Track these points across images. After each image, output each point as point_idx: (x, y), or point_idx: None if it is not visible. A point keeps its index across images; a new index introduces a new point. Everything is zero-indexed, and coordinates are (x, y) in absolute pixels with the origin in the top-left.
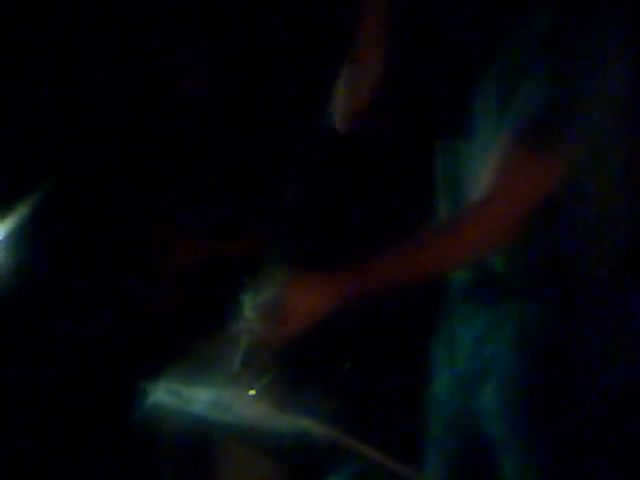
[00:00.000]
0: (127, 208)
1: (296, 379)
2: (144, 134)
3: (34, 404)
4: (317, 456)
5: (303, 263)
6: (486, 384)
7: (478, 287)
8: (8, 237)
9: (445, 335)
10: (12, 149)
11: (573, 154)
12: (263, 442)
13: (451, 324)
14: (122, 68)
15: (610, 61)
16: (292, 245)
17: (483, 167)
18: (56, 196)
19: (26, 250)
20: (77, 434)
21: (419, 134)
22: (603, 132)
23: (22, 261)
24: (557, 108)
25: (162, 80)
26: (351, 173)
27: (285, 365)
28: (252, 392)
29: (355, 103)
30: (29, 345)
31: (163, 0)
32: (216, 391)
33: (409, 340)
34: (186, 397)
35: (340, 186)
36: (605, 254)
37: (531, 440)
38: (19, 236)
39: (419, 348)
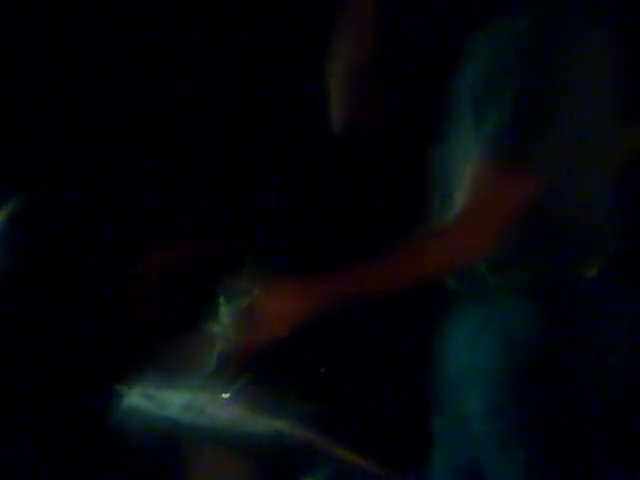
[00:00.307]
0: (111, 208)
1: (272, 381)
2: (132, 133)
3: (6, 407)
4: (292, 457)
5: (283, 267)
6: (472, 384)
7: (467, 289)
8: None
9: (443, 338)
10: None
11: (550, 165)
12: (238, 444)
13: (446, 327)
14: (121, 68)
15: (590, 67)
16: (273, 248)
17: (463, 174)
18: (40, 195)
19: (8, 249)
20: (51, 437)
21: (410, 136)
22: (584, 139)
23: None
24: (533, 120)
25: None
26: (343, 174)
27: (260, 368)
28: (226, 395)
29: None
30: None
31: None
32: (190, 394)
33: (388, 343)
34: (160, 401)
35: (329, 188)
36: (593, 255)
37: (514, 440)
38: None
39: (400, 351)
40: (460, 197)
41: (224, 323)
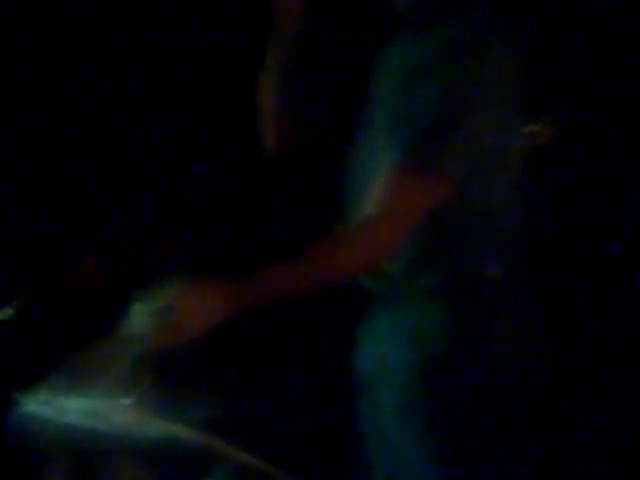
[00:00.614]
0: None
1: (176, 384)
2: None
3: None
4: (190, 461)
5: (201, 268)
6: (385, 382)
7: (380, 289)
8: None
9: (357, 338)
10: None
11: (455, 172)
12: (136, 449)
13: (360, 327)
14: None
15: (491, 79)
16: (191, 253)
17: (374, 180)
18: None
19: None
20: None
21: (329, 146)
22: (487, 149)
23: None
24: (438, 129)
25: None
26: (265, 181)
27: (166, 372)
28: (127, 400)
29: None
30: None
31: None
32: (92, 400)
33: (299, 344)
34: (60, 407)
35: (251, 193)
36: (498, 257)
37: (424, 437)
38: None
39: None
40: (371, 200)
41: (138, 325)
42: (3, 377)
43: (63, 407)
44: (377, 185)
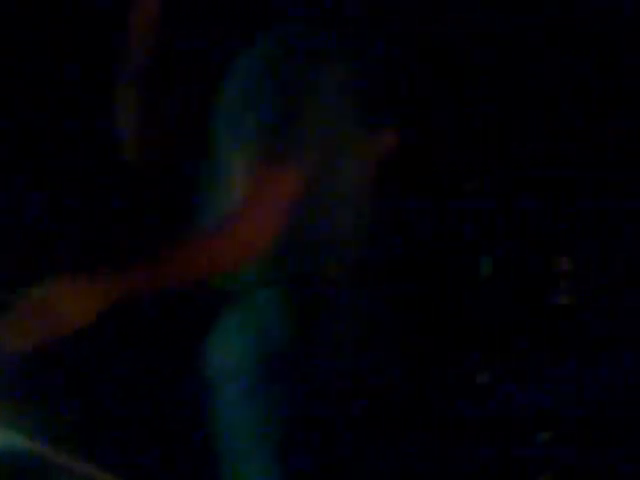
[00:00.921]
0: None
1: (15, 392)
2: None
3: None
4: (28, 473)
5: (71, 266)
6: (230, 378)
7: (232, 288)
8: None
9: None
10: None
11: (301, 168)
12: None
13: (214, 327)
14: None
15: (329, 81)
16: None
17: (227, 180)
18: None
19: None
20: None
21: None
22: (329, 150)
23: None
24: (279, 126)
25: None
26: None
27: (20, 376)
28: None
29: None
30: None
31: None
32: None
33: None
34: None
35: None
36: (341, 260)
37: (266, 430)
38: None
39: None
40: (230, 200)
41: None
42: None
43: None
44: (236, 184)
